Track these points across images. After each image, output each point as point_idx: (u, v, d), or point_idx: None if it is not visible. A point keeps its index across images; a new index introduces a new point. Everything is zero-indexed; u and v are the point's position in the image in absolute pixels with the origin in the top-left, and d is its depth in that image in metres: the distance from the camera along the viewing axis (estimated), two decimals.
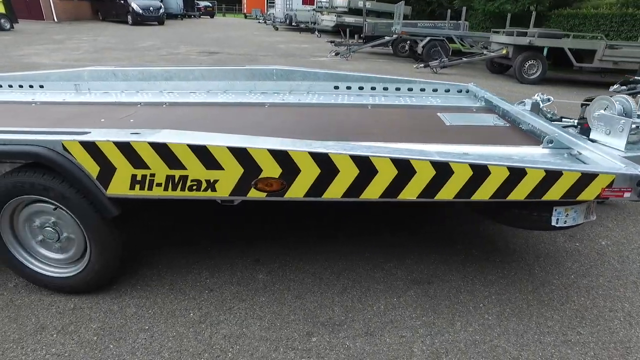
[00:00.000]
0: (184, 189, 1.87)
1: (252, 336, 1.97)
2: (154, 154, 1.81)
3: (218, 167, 1.82)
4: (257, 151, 1.80)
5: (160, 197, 1.90)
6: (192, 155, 1.80)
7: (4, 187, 1.94)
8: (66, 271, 2.16)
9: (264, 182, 1.85)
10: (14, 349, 1.86)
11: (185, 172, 1.84)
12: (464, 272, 2.51)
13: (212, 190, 1.87)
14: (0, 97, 3.67)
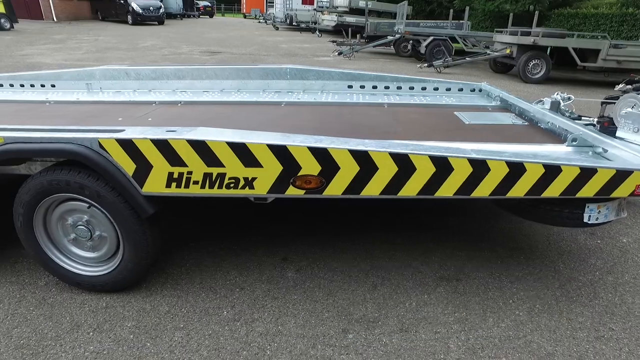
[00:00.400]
0: (221, 187, 1.87)
1: (289, 333, 1.97)
2: (192, 152, 1.81)
3: (257, 165, 1.82)
4: (297, 149, 1.80)
5: (196, 195, 1.90)
6: (231, 153, 1.80)
7: (40, 186, 1.94)
8: (98, 270, 2.16)
9: (303, 179, 1.85)
10: (52, 346, 1.86)
11: (223, 170, 1.84)
12: (490, 269, 2.52)
13: (250, 188, 1.87)
14: (13, 97, 3.65)
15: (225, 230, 2.84)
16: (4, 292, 2.20)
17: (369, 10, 18.67)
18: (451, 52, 11.23)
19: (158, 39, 16.59)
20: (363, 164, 1.84)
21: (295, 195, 1.89)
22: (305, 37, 20.01)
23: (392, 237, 2.81)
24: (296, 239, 2.75)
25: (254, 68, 4.18)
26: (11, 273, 2.36)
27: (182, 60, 11.35)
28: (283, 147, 1.80)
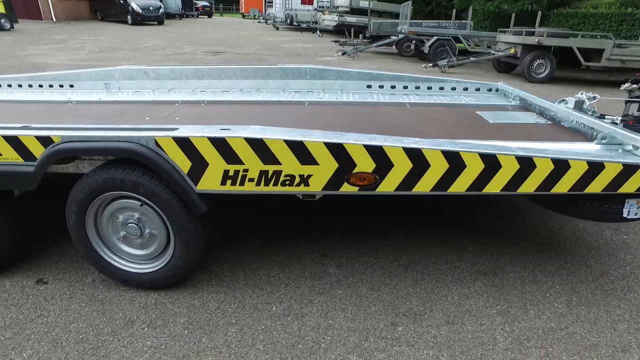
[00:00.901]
0: (276, 184, 1.92)
1: (340, 327, 2.02)
2: (249, 150, 1.85)
3: (313, 163, 1.87)
4: (353, 146, 1.85)
5: (250, 192, 1.94)
6: (288, 150, 1.85)
7: (95, 184, 1.97)
8: (146, 267, 2.19)
9: (357, 176, 1.90)
10: (111, 341, 1.89)
11: (279, 168, 1.88)
12: (523, 263, 2.58)
13: (305, 185, 1.92)
14: (34, 97, 3.67)
15: (262, 228, 2.88)
16: (54, 289, 2.23)
17: (370, 10, 18.77)
18: (455, 52, 11.32)
19: (159, 39, 16.56)
20: (416, 161, 1.89)
21: (349, 192, 1.94)
22: (306, 37, 20.05)
23: (425, 233, 2.87)
24: (331, 235, 2.80)
25: (274, 68, 4.21)
26: (57, 271, 2.39)
27: (186, 60, 11.36)
28: (340, 145, 1.84)
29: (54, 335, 1.93)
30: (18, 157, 1.98)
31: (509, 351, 1.91)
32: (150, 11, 21.51)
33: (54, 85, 4.05)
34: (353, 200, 3.25)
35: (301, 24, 22.19)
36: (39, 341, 1.89)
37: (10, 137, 1.95)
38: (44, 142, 1.94)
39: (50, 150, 1.92)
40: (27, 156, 1.97)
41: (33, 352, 1.84)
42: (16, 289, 2.24)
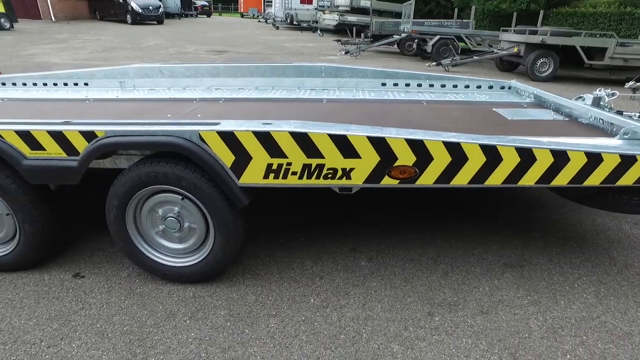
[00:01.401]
0: (319, 177, 1.95)
1: (378, 317, 2.06)
2: (294, 143, 1.88)
3: (356, 156, 1.91)
4: (395, 140, 1.89)
5: (292, 185, 1.98)
6: (331, 144, 1.88)
7: (137, 178, 2.00)
8: (185, 261, 2.22)
9: (398, 170, 1.94)
10: (155, 333, 1.92)
11: (322, 161, 1.92)
12: (548, 256, 2.63)
13: (347, 178, 1.95)
14: (49, 95, 3.66)
15: (288, 222, 2.92)
16: (91, 282, 2.26)
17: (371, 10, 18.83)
18: (458, 51, 11.39)
19: (161, 38, 16.54)
20: (455, 154, 1.93)
21: (389, 185, 1.98)
22: (307, 37, 20.08)
23: (450, 226, 2.91)
24: (360, 229, 2.84)
25: (289, 66, 4.24)
26: (92, 265, 2.41)
27: (190, 59, 11.35)
28: (382, 138, 1.88)
29: (99, 327, 1.96)
30: (61, 152, 2.00)
31: (545, 339, 1.96)
32: (150, 11, 21.47)
33: (68, 83, 4.06)
34: (376, 195, 3.29)
35: (301, 23, 22.22)
36: (85, 332, 1.92)
37: (55, 132, 1.97)
38: (87, 136, 1.96)
39: (95, 144, 1.95)
40: (70, 151, 2.00)
41: (81, 342, 1.87)
42: (55, 282, 2.26)
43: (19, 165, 2.02)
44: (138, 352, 1.82)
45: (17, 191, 2.10)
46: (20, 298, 2.14)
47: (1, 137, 2.00)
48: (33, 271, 2.35)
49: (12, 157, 2.01)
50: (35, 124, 2.03)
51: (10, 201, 2.12)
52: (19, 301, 2.12)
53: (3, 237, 2.29)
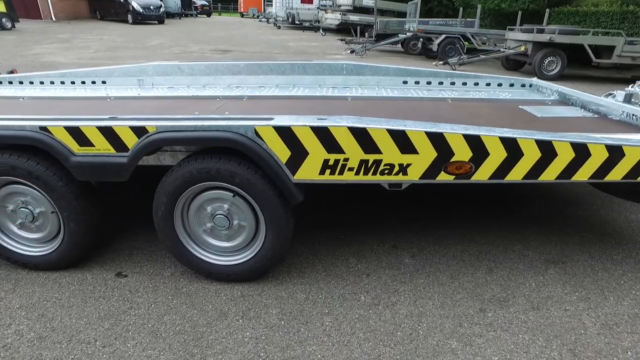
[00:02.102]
0: (375, 173, 1.93)
1: (431, 314, 2.04)
2: (352, 139, 1.86)
3: (413, 152, 1.89)
4: (453, 136, 1.87)
5: (347, 181, 1.96)
6: (390, 140, 1.86)
7: (189, 174, 1.97)
8: (232, 259, 2.19)
9: (455, 165, 1.93)
10: (209, 332, 1.90)
11: (380, 157, 1.90)
12: (588, 252, 2.62)
13: (403, 174, 1.94)
14: (68, 94, 3.58)
15: (326, 219, 2.90)
16: (135, 282, 2.23)
17: (372, 9, 18.82)
18: (463, 49, 11.40)
19: (163, 37, 16.46)
20: (510, 150, 1.92)
21: (445, 181, 1.96)
22: (309, 36, 20.05)
23: (487, 224, 2.90)
24: (397, 226, 2.82)
25: (310, 64, 4.21)
26: (132, 264, 2.38)
27: (196, 58, 11.30)
28: (440, 134, 1.87)
29: (151, 326, 1.93)
30: (110, 148, 1.97)
31: (602, 335, 1.95)
32: (151, 10, 21.34)
33: (86, 81, 4.02)
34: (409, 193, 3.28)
35: (303, 22, 22.17)
36: (138, 332, 1.89)
37: (105, 127, 1.94)
38: (138, 132, 1.93)
39: (145, 140, 1.92)
40: (119, 147, 1.97)
41: (136, 342, 1.84)
42: (99, 281, 2.23)
43: (68, 161, 1.98)
44: (195, 352, 1.79)
45: (64, 189, 2.07)
46: (67, 297, 2.11)
47: (50, 133, 1.97)
48: (75, 270, 2.32)
49: (60, 153, 1.98)
50: (84, 119, 2.00)
51: (57, 199, 2.09)
52: (66, 300, 2.09)
53: (46, 235, 2.26)
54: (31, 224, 2.23)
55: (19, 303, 2.07)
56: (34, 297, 2.12)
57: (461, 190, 3.42)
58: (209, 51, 12.97)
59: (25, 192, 2.16)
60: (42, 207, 2.19)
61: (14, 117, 2.06)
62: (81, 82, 4.02)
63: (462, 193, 3.39)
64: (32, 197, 2.16)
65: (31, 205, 2.19)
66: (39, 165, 2.04)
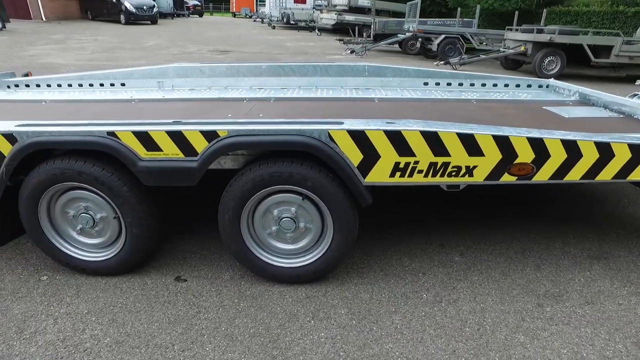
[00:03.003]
0: (443, 175, 1.99)
1: (493, 310, 2.11)
2: (423, 142, 1.92)
3: (480, 154, 1.95)
4: (517, 139, 1.94)
5: (415, 183, 2.02)
6: (458, 142, 1.92)
7: (259, 178, 1.99)
8: (296, 261, 2.22)
9: (517, 167, 1.99)
10: (285, 334, 1.93)
11: (448, 159, 1.96)
12: (627, 249, 2.71)
13: (469, 175, 2.00)
14: (88, 96, 3.52)
15: (369, 221, 2.95)
16: (197, 286, 2.25)
17: (368, 9, 18.92)
18: (463, 49, 11.56)
19: (159, 38, 16.31)
20: (570, 152, 1.99)
21: (507, 182, 2.03)
22: (305, 36, 20.07)
23: (527, 221, 2.98)
24: (439, 226, 2.89)
25: (332, 65, 4.25)
26: (189, 268, 2.40)
27: (196, 59, 11.23)
28: (505, 137, 1.93)
29: (224, 330, 1.96)
30: (179, 153, 1.99)
31: None
32: (144, 10, 21.09)
33: (104, 84, 4.00)
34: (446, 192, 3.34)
35: (298, 22, 22.18)
36: (213, 336, 1.92)
37: (174, 132, 1.96)
38: (208, 136, 1.96)
39: (217, 144, 1.94)
40: (188, 151, 1.98)
41: (214, 346, 1.86)
42: (160, 286, 2.25)
43: (135, 166, 2.00)
44: (276, 354, 1.83)
45: (128, 194, 2.08)
46: (132, 302, 2.12)
47: (117, 137, 1.98)
48: (133, 275, 2.33)
49: (128, 158, 1.99)
50: (152, 124, 2.01)
51: (121, 204, 2.10)
52: (132, 305, 2.10)
53: (106, 240, 2.27)
54: (91, 229, 2.24)
55: (86, 308, 2.08)
56: (99, 302, 2.12)
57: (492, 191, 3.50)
58: (208, 52, 12.90)
59: (87, 198, 2.16)
60: (104, 212, 2.19)
61: (80, 123, 2.07)
62: (99, 84, 3.99)
63: (500, 194, 3.47)
64: (93, 202, 2.17)
65: (92, 210, 2.19)
66: (104, 170, 2.04)
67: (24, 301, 2.13)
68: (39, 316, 2.03)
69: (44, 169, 2.05)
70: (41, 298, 2.15)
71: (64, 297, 2.16)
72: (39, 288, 2.23)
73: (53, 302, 2.12)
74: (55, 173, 2.04)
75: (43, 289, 2.22)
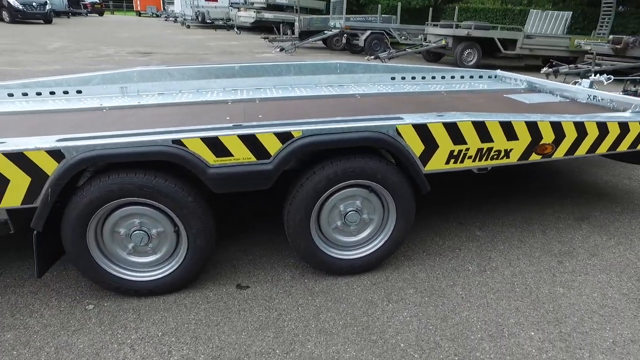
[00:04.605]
0: (487, 159, 2.27)
1: (528, 271, 2.45)
2: (473, 131, 2.17)
3: (515, 138, 2.26)
4: (543, 123, 2.29)
5: (465, 168, 2.26)
6: (500, 130, 2.21)
7: (333, 174, 2.07)
8: (358, 252, 2.34)
9: (542, 147, 2.35)
10: (373, 320, 2.05)
11: (492, 145, 2.24)
12: (598, 209, 3.26)
13: (506, 157, 2.30)
14: (40, 107, 3.07)
15: None
16: (261, 290, 2.25)
17: (286, 6, 19.05)
18: (387, 44, 12.32)
19: (62, 39, 14.61)
20: (580, 131, 2.41)
21: (534, 160, 2.38)
22: (224, 35, 19.50)
23: (517, 197, 3.44)
24: (451, 206, 3.21)
25: (305, 64, 4.35)
26: (243, 275, 2.38)
27: (117, 62, 10.35)
28: (534, 122, 2.27)
29: (314, 326, 2.01)
30: (251, 157, 1.98)
31: None
32: (34, 7, 18.57)
33: (56, 92, 3.60)
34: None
35: (214, 21, 21.42)
36: (308, 333, 1.96)
37: (247, 135, 1.94)
38: (282, 138, 1.98)
39: (292, 145, 1.97)
40: (261, 154, 1.98)
41: (314, 343, 1.91)
42: (225, 296, 2.20)
43: (205, 174, 1.94)
44: (375, 339, 1.94)
45: (193, 204, 2.01)
46: (206, 316, 2.06)
47: (184, 145, 1.90)
48: (188, 291, 2.23)
49: (197, 166, 1.93)
50: (219, 129, 1.97)
51: (186, 215, 2.01)
52: (207, 319, 2.04)
53: (161, 257, 2.15)
54: (145, 246, 2.10)
55: (159, 330, 1.97)
56: (170, 322, 2.02)
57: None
58: (128, 54, 11.96)
59: (142, 213, 2.03)
60: (160, 226, 2.08)
61: (137, 132, 1.94)
62: (49, 92, 3.57)
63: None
64: (150, 217, 2.05)
65: (147, 226, 2.07)
66: (167, 182, 1.95)
67: (81, 334, 1.94)
68: (111, 346, 1.88)
69: (97, 186, 1.89)
70: (100, 328, 1.98)
71: (126, 322, 2.01)
72: (91, 318, 2.04)
73: (117, 330, 1.97)
74: (111, 189, 1.90)
75: (96, 318, 2.04)
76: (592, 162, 4.29)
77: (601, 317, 2.10)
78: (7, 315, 2.05)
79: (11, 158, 1.78)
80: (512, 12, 16.90)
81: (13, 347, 1.86)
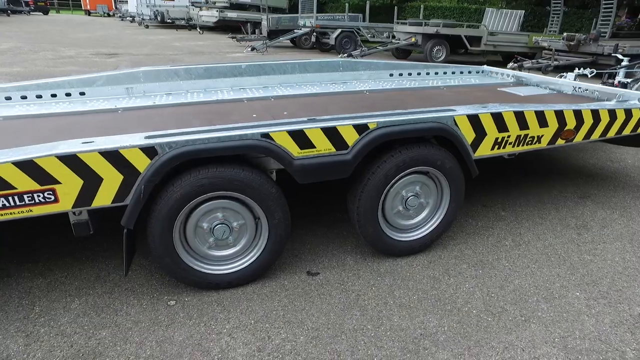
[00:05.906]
0: (524, 144, 2.56)
1: (556, 243, 2.78)
2: (514, 120, 2.45)
3: (546, 126, 2.57)
4: (568, 112, 2.61)
5: (506, 153, 2.54)
6: (535, 118, 2.51)
7: (402, 163, 2.25)
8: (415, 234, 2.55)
9: (565, 133, 2.68)
10: (442, 292, 2.27)
11: (527, 132, 2.53)
12: (595, 187, 3.69)
13: (538, 143, 2.61)
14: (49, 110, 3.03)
15: None
16: (332, 275, 2.40)
17: (249, 5, 18.91)
18: (358, 42, 12.65)
19: (12, 40, 13.66)
20: (595, 118, 2.76)
21: (559, 145, 2.70)
22: (187, 35, 19.00)
23: (525, 180, 3.80)
24: (471, 190, 3.50)
25: (311, 62, 4.50)
26: (311, 262, 2.52)
27: (83, 64, 9.89)
28: (561, 111, 2.59)
29: (393, 302, 2.19)
30: (331, 148, 2.12)
31: None
32: None
33: (57, 94, 3.52)
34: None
35: (175, 21, 20.79)
36: (389, 309, 2.14)
37: (329, 128, 2.08)
38: (359, 129, 2.14)
39: (369, 136, 2.14)
40: (340, 146, 2.13)
41: (399, 316, 2.10)
42: (300, 283, 2.33)
43: (291, 166, 2.07)
44: (450, 308, 2.16)
45: (277, 195, 2.13)
46: (290, 302, 2.18)
47: (272, 139, 2.01)
48: (262, 282, 2.33)
49: (284, 159, 2.05)
50: (305, 122, 2.10)
51: (269, 206, 2.12)
52: (292, 305, 2.16)
53: (240, 249, 2.24)
54: (226, 240, 2.19)
55: (251, 319, 2.07)
56: (258, 311, 2.13)
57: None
58: (91, 55, 11.42)
59: (225, 207, 2.12)
60: (241, 219, 2.18)
61: (224, 127, 2.02)
62: (51, 95, 3.48)
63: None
64: (232, 210, 2.14)
65: (229, 219, 2.15)
66: (253, 174, 2.05)
67: (175, 328, 2.01)
68: (210, 336, 1.96)
69: (188, 181, 1.96)
70: (191, 321, 2.05)
71: (214, 314, 2.10)
72: (178, 313, 2.10)
73: (209, 322, 2.05)
74: (202, 184, 1.98)
75: (183, 312, 2.10)
76: (577, 148, 4.78)
77: (628, 277, 2.45)
78: (92, 315, 2.07)
79: (106, 156, 1.81)
80: (468, 10, 17.83)
81: (114, 343, 1.90)
